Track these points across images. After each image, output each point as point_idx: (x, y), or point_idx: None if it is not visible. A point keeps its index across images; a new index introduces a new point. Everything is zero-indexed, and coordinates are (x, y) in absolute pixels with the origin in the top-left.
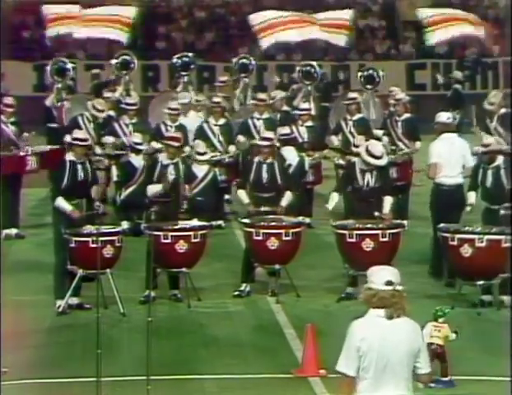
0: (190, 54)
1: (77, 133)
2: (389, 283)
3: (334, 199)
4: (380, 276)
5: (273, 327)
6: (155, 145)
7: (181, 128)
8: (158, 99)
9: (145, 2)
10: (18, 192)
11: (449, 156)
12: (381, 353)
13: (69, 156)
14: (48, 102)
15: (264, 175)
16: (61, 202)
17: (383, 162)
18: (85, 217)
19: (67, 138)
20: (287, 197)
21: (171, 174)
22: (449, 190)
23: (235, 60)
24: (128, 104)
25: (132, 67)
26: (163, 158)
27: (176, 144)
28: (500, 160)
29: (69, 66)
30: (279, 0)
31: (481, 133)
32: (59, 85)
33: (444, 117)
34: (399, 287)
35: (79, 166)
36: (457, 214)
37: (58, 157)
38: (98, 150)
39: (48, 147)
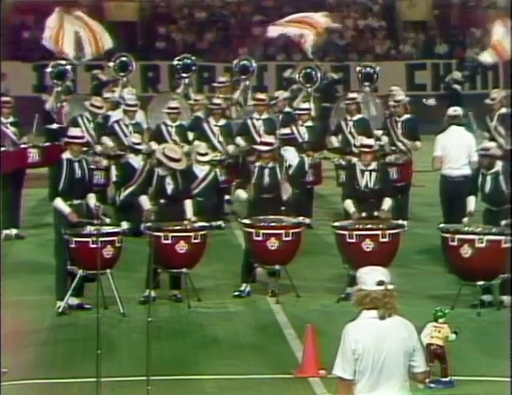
0: (191, 56)
1: (73, 131)
2: (381, 283)
3: (351, 207)
4: (371, 277)
5: (273, 328)
6: (154, 145)
7: (181, 128)
8: (157, 99)
9: (145, 3)
10: (18, 193)
11: (455, 149)
12: (376, 354)
13: (66, 155)
14: (47, 106)
15: (266, 180)
16: (59, 203)
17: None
18: (84, 223)
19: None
20: (287, 190)
21: (168, 185)
22: (454, 181)
23: (235, 62)
24: (128, 105)
25: (130, 69)
26: (159, 169)
27: (180, 168)
28: (499, 165)
29: (69, 68)
30: (279, 0)
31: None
32: (59, 89)
33: (450, 110)
34: (390, 286)
35: (76, 164)
36: (465, 204)
37: (60, 152)
38: (98, 148)
39: (49, 144)
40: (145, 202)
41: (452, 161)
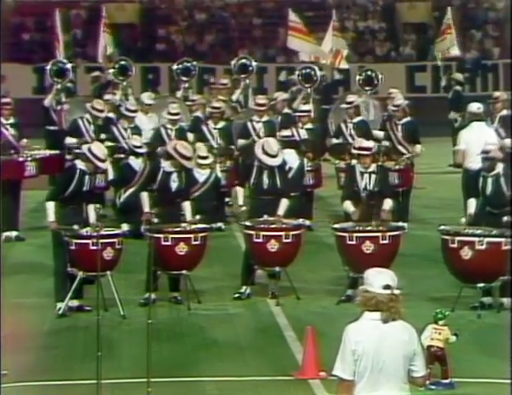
0: (191, 60)
1: (96, 150)
2: (387, 287)
3: (350, 207)
4: (378, 280)
5: (273, 330)
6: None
7: (181, 131)
8: (156, 103)
9: (145, 4)
10: (18, 195)
11: (477, 144)
12: (376, 356)
13: (80, 165)
14: (46, 102)
15: (265, 180)
16: (49, 208)
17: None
18: (67, 230)
19: (84, 149)
20: (283, 205)
21: (174, 182)
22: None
23: (233, 62)
24: (128, 110)
25: (129, 73)
26: (166, 165)
27: (189, 166)
28: (499, 167)
29: (69, 67)
30: (279, 2)
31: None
32: (58, 86)
33: (474, 107)
34: (396, 291)
35: (87, 177)
36: None
37: (58, 163)
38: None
39: (48, 153)
40: (145, 201)
41: (474, 156)
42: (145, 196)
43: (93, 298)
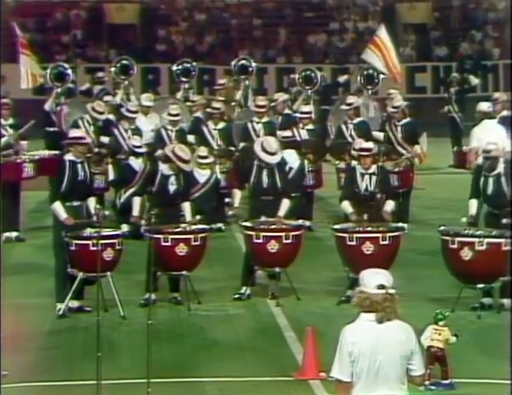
0: (191, 61)
1: (75, 132)
2: (381, 287)
3: (348, 207)
4: (372, 280)
5: (273, 330)
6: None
7: (181, 133)
8: (157, 104)
9: (145, 4)
10: (18, 196)
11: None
12: (373, 357)
13: (69, 156)
14: (47, 106)
15: (264, 180)
16: (57, 207)
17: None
18: (82, 224)
19: (64, 140)
20: (284, 206)
21: (172, 184)
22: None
23: (234, 62)
24: (129, 111)
25: (131, 72)
26: (164, 168)
27: (188, 169)
28: (500, 167)
29: (69, 71)
30: (279, 2)
31: None
32: (58, 90)
33: (484, 106)
34: (391, 291)
35: (79, 166)
36: None
37: (57, 164)
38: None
39: (47, 153)
40: (136, 205)
41: None
42: (137, 200)
43: (93, 298)
